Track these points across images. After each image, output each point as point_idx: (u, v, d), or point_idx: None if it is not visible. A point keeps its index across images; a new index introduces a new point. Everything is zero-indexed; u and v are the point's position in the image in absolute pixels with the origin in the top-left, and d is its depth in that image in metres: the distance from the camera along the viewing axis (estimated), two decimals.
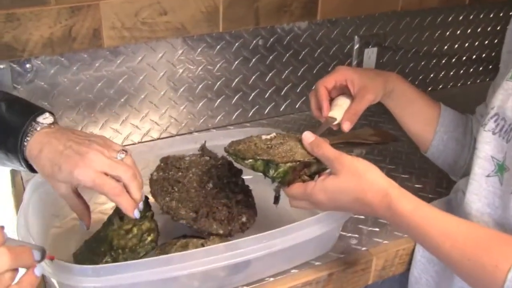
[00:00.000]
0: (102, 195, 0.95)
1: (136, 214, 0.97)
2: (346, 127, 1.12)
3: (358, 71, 1.19)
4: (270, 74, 1.67)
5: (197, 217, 1.07)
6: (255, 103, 1.69)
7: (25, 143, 0.96)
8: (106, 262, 0.98)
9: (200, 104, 1.60)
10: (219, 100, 1.63)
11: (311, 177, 1.01)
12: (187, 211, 1.08)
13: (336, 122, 1.14)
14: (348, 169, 0.94)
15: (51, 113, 1.00)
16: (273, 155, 1.00)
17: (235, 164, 1.19)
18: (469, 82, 2.12)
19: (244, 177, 1.21)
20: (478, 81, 2.14)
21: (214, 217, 1.08)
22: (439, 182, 1.45)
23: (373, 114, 1.78)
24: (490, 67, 2.13)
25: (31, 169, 0.99)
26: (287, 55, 1.67)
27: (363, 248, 1.19)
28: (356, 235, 1.22)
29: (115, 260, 0.98)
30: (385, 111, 1.28)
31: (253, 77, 1.65)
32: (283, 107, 1.74)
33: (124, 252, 0.99)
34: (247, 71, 1.63)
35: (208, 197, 1.11)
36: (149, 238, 1.01)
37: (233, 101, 1.65)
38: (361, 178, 0.93)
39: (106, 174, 0.93)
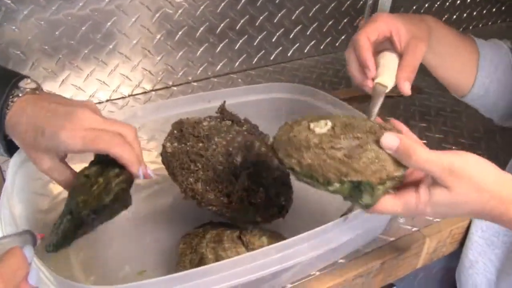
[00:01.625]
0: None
1: (141, 172, 0.79)
2: (406, 88, 0.89)
3: (401, 18, 0.94)
4: (280, 15, 1.44)
5: (230, 202, 0.87)
6: (261, 47, 1.46)
7: (6, 112, 0.77)
8: (66, 220, 0.76)
9: (200, 50, 1.37)
10: (221, 45, 1.40)
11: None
12: (217, 195, 0.87)
13: (388, 90, 0.89)
14: (462, 182, 0.69)
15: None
16: (363, 171, 0.69)
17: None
18: (481, 25, 1.95)
19: None
20: (490, 23, 1.97)
21: (250, 200, 0.88)
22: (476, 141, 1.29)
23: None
24: (503, 8, 1.96)
25: (8, 149, 0.83)
26: None
27: (414, 229, 1.01)
28: None
29: (77, 215, 0.76)
30: None
31: (261, 18, 1.42)
32: (291, 52, 1.53)
33: (86, 205, 0.77)
34: (255, 11, 1.40)
35: (240, 176, 0.91)
36: (117, 180, 0.79)
37: (237, 46, 1.42)
38: (479, 190, 0.69)
39: None
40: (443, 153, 0.69)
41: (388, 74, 0.90)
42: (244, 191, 0.88)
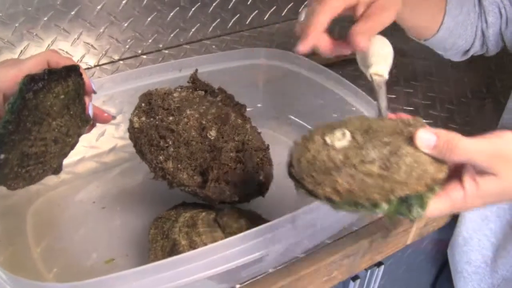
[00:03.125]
0: None
1: None
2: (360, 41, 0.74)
3: None
4: None
5: (205, 181, 0.79)
6: (236, 11, 1.37)
7: None
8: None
9: (170, 15, 1.28)
10: (193, 9, 1.30)
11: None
12: (189, 173, 0.80)
13: (386, 79, 0.78)
14: (510, 165, 0.60)
15: None
16: (408, 182, 0.59)
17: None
18: None
19: None
20: None
21: (226, 179, 0.80)
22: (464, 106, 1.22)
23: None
24: None
25: None
26: None
27: None
28: None
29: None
30: None
31: None
32: (267, 15, 1.44)
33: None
34: None
35: (214, 151, 0.83)
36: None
37: (210, 10, 1.33)
38: None
39: None
40: (484, 139, 0.60)
41: (383, 62, 0.79)
42: (219, 168, 0.80)
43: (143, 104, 0.86)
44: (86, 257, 0.81)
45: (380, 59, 0.78)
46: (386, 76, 0.77)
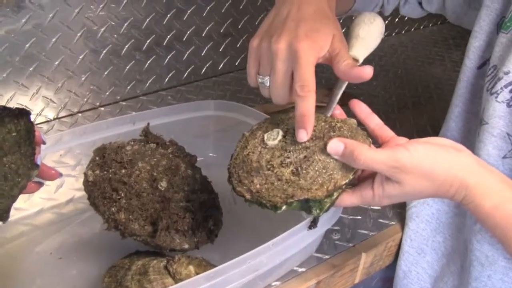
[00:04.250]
0: None
1: None
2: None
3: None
4: (208, 28, 1.41)
5: (155, 231, 0.83)
6: (191, 62, 1.43)
7: None
8: None
9: (127, 68, 1.33)
10: (148, 62, 1.36)
11: (352, 183, 0.75)
12: (140, 224, 0.84)
13: (359, 64, 0.82)
14: (412, 174, 0.69)
15: None
16: (309, 188, 0.70)
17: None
18: (413, 29, 1.96)
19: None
20: (422, 26, 1.98)
21: (176, 227, 0.85)
22: None
23: (323, 70, 1.57)
24: None
25: None
26: (227, 4, 1.41)
27: (349, 244, 0.99)
28: (337, 227, 1.02)
29: None
30: None
31: (188, 32, 1.38)
32: (221, 65, 1.49)
33: None
34: (182, 25, 1.36)
35: (165, 201, 0.87)
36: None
37: (165, 62, 1.39)
38: (430, 178, 0.69)
39: None
40: (391, 149, 0.69)
41: (360, 45, 0.82)
42: (169, 218, 0.85)
43: (97, 158, 0.90)
44: None
45: (358, 42, 0.83)
46: (361, 61, 0.83)
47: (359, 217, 1.05)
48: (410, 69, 1.70)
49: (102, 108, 1.32)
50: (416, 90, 1.57)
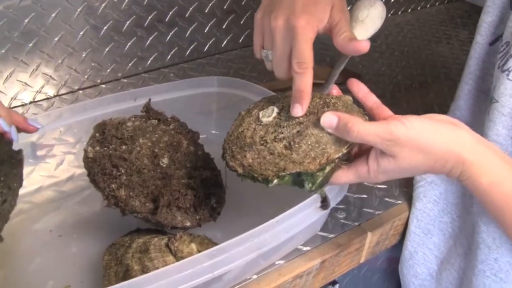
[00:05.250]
0: None
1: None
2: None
3: None
4: (211, 4, 1.38)
5: (156, 208, 0.81)
6: (193, 39, 1.40)
7: None
8: None
9: (128, 44, 1.30)
10: (150, 39, 1.33)
11: (348, 159, 0.75)
12: (141, 201, 0.82)
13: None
14: (407, 147, 0.68)
15: None
16: (301, 161, 0.71)
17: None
18: (419, 7, 1.93)
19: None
20: (429, 5, 1.95)
21: (178, 204, 0.83)
22: None
23: (328, 47, 1.54)
24: None
25: None
26: None
27: (355, 223, 0.97)
28: (343, 206, 1.00)
29: None
30: None
31: (191, 8, 1.35)
32: (224, 42, 1.47)
33: None
34: (184, 1, 1.34)
35: (166, 178, 0.85)
36: None
37: (167, 39, 1.36)
38: (426, 152, 0.68)
39: None
40: (385, 122, 0.69)
41: (359, 28, 0.82)
42: (170, 195, 0.83)
43: (97, 134, 0.89)
44: (42, 285, 0.82)
45: (357, 24, 0.83)
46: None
47: (364, 196, 1.03)
48: (416, 48, 1.67)
49: (103, 86, 1.30)
50: (423, 69, 1.54)
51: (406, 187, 1.06)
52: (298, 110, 0.73)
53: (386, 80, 1.46)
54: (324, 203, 0.79)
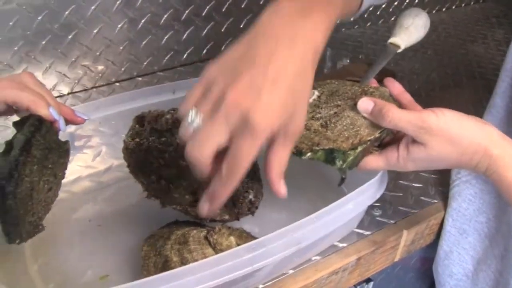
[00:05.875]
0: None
1: (54, 113, 0.74)
2: None
3: None
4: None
5: (196, 200, 0.82)
6: (229, 34, 1.41)
7: None
8: None
9: (165, 38, 1.31)
10: (187, 33, 1.34)
11: (380, 146, 0.78)
12: (181, 193, 0.82)
13: (401, 50, 0.91)
14: (437, 137, 0.70)
15: None
16: (335, 139, 0.74)
17: None
18: (454, 6, 1.91)
19: None
20: (463, 4, 1.93)
21: None
22: None
23: (362, 45, 1.54)
24: None
25: None
26: None
27: (391, 221, 0.97)
28: (378, 204, 1.00)
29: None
30: (376, 41, 1.03)
31: (227, 3, 1.36)
32: None
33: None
34: None
35: None
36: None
37: (204, 33, 1.37)
38: (455, 143, 0.71)
39: None
40: (418, 111, 0.72)
41: (403, 33, 0.90)
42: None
43: (136, 126, 0.89)
44: (81, 274, 0.83)
45: (401, 30, 0.90)
46: (402, 47, 0.91)
47: (400, 194, 1.03)
48: (451, 47, 1.66)
49: (139, 78, 1.31)
50: (458, 69, 1.53)
51: (441, 186, 1.06)
52: (204, 208, 0.67)
53: (421, 79, 1.46)
54: (342, 180, 0.80)
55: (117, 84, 1.29)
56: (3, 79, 0.72)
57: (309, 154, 0.74)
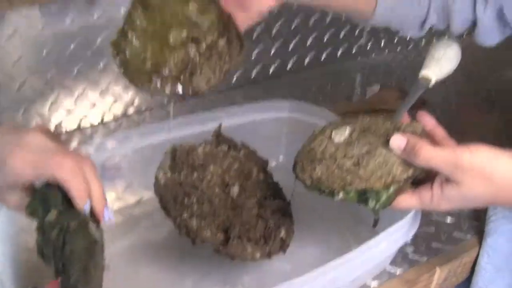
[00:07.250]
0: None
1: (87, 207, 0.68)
2: None
3: None
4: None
5: (227, 239, 0.81)
6: (260, 59, 1.41)
7: None
8: None
9: None
10: None
11: (413, 183, 0.75)
12: (213, 231, 0.82)
13: (432, 84, 0.89)
14: (471, 175, 0.68)
15: None
16: (368, 178, 0.73)
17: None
18: None
19: None
20: None
21: (248, 235, 0.83)
22: None
23: (392, 70, 1.53)
24: None
25: None
26: None
27: (423, 258, 0.95)
28: (410, 240, 0.98)
29: None
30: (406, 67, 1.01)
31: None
32: (290, 64, 1.47)
33: None
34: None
35: (237, 208, 0.85)
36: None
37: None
38: (489, 182, 0.68)
39: None
40: (452, 148, 0.70)
41: (433, 65, 0.87)
42: (241, 225, 0.83)
43: (168, 161, 0.89)
44: None
45: (432, 62, 0.88)
46: (433, 80, 0.89)
47: (432, 230, 1.01)
48: (482, 73, 1.64)
49: (181, 119, 1.30)
50: (490, 95, 1.50)
51: (475, 220, 1.04)
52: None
53: (453, 106, 1.44)
54: (376, 222, 0.80)
55: (147, 112, 1.29)
56: (68, 155, 0.65)
57: (341, 194, 0.74)
